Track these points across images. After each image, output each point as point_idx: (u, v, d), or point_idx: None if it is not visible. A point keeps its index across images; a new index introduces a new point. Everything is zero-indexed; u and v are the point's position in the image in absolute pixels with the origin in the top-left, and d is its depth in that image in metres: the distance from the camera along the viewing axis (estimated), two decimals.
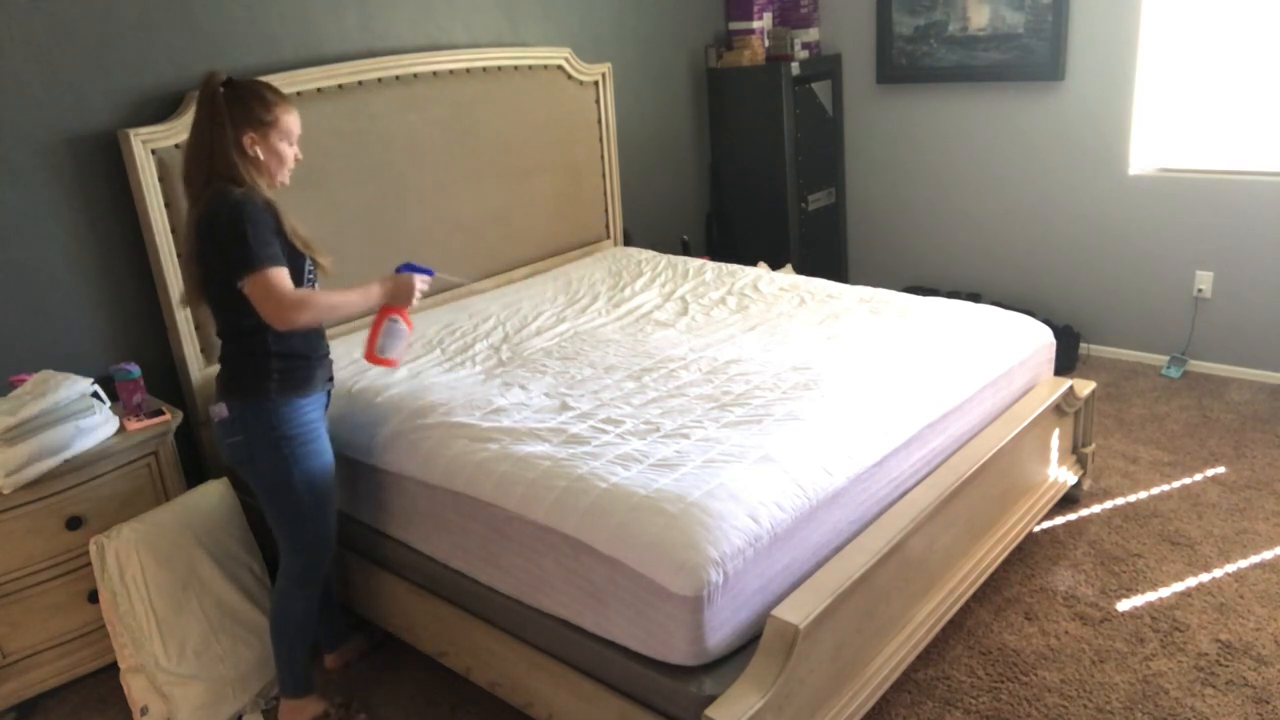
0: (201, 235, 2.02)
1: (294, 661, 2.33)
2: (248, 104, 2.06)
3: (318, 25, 3.14)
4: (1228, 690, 2.30)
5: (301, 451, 2.15)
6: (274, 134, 2.10)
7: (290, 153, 2.16)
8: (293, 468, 2.15)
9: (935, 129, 4.60)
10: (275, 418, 2.11)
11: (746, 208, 4.76)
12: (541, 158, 3.81)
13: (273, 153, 2.11)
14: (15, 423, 2.30)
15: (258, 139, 2.07)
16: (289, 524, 2.22)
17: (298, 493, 2.17)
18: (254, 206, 2.01)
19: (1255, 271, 3.86)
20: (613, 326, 3.12)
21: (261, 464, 2.14)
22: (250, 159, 2.07)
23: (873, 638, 2.16)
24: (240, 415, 2.11)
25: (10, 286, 2.63)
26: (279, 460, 2.13)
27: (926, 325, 2.89)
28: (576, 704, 2.07)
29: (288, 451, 2.13)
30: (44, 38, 2.58)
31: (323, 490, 2.22)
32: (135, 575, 2.35)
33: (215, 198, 2.00)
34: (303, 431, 2.16)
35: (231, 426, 2.13)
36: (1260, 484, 3.19)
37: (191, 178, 2.06)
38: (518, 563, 2.13)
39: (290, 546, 2.25)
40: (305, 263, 2.16)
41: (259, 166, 2.09)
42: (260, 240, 1.99)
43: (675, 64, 4.54)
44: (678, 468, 2.08)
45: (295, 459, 2.14)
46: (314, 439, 2.19)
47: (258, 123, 2.07)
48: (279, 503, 2.19)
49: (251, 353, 2.11)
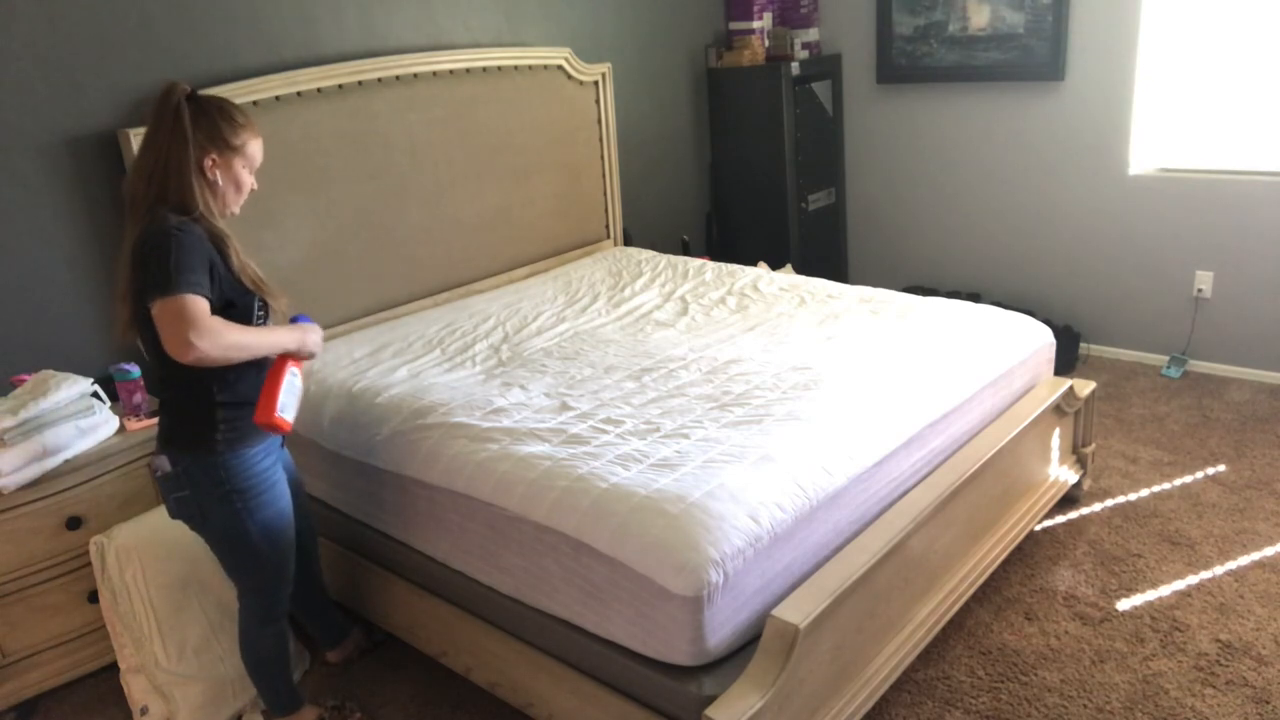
0: (134, 265, 1.82)
1: (276, 690, 2.27)
2: (215, 123, 1.89)
3: (318, 25, 3.14)
4: (1228, 690, 2.30)
5: (255, 504, 2.00)
6: (238, 160, 1.94)
7: (249, 182, 1.99)
8: (247, 521, 1.99)
9: (935, 129, 4.60)
10: (223, 471, 1.94)
11: (746, 208, 4.76)
12: (541, 158, 3.81)
13: (232, 180, 1.95)
14: (15, 423, 2.31)
15: (219, 163, 1.91)
16: (247, 573, 2.10)
17: (254, 544, 2.03)
18: (189, 235, 1.82)
19: (1255, 271, 3.86)
20: (613, 326, 3.12)
21: (213, 520, 1.99)
22: (208, 183, 1.90)
23: (873, 638, 2.16)
24: (185, 470, 1.94)
25: (10, 286, 2.63)
26: (230, 515, 1.98)
27: (926, 325, 2.89)
28: (576, 704, 2.07)
29: (240, 505, 1.97)
30: (44, 38, 2.58)
31: (280, 537, 2.08)
32: (135, 575, 2.35)
33: (151, 225, 1.82)
34: (255, 483, 1.99)
35: (176, 481, 1.95)
36: (1260, 484, 3.19)
37: (138, 198, 1.86)
38: (518, 563, 2.13)
39: (248, 590, 2.14)
40: (254, 301, 1.96)
41: (214, 192, 1.92)
42: (183, 265, 1.78)
43: (675, 64, 4.54)
44: (678, 468, 2.08)
45: (249, 512, 1.99)
46: (267, 488, 2.03)
47: (223, 145, 1.90)
48: (235, 555, 2.06)
49: (196, 402, 1.92)
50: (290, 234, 3.02)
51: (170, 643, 2.37)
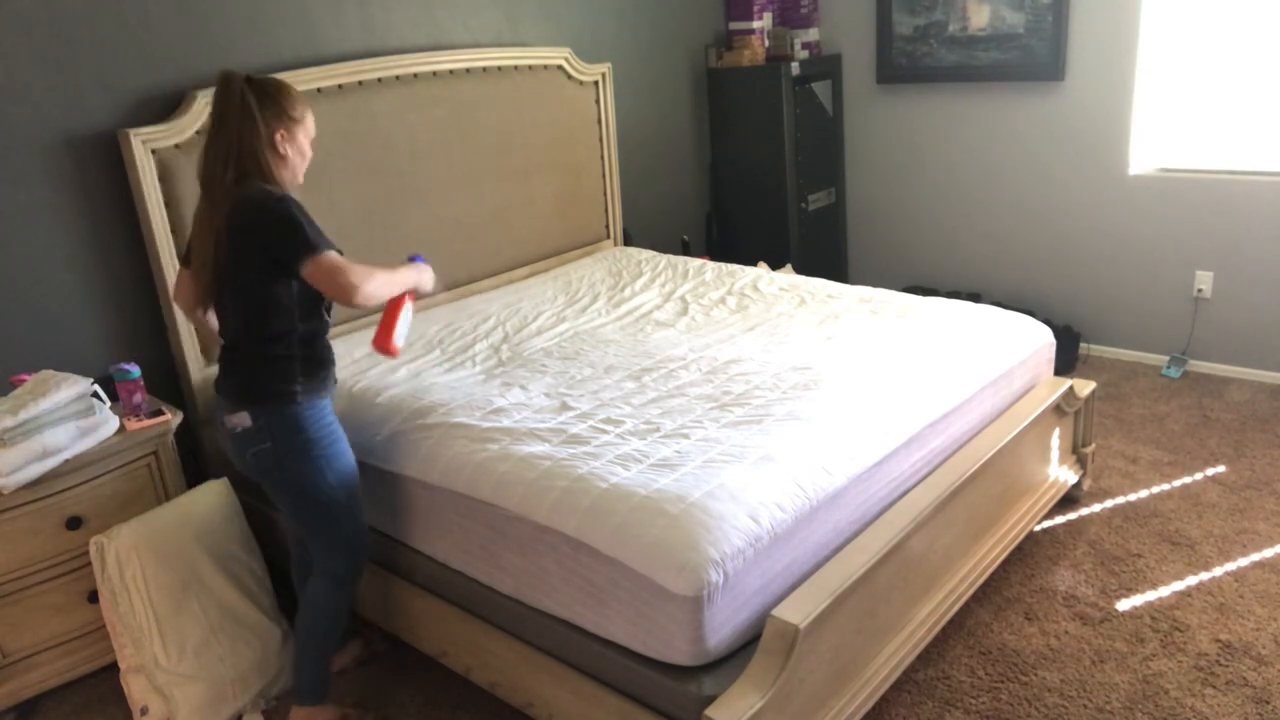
0: (242, 230, 1.96)
1: (321, 664, 2.29)
2: (277, 101, 2.03)
3: (318, 25, 3.14)
4: (1228, 690, 2.30)
5: (331, 452, 2.12)
6: (300, 131, 2.08)
7: (309, 152, 2.14)
8: (325, 470, 2.11)
9: (935, 129, 4.60)
10: (303, 421, 2.07)
11: (746, 208, 4.76)
12: (541, 158, 3.81)
13: (299, 150, 2.09)
14: (15, 423, 2.30)
15: (287, 136, 2.05)
16: (327, 526, 2.18)
17: (334, 493, 2.14)
18: (296, 203, 1.98)
19: (1255, 271, 3.86)
20: (613, 326, 3.12)
21: (291, 471, 2.09)
22: (279, 156, 2.04)
23: (873, 638, 2.16)
24: (267, 422, 2.05)
25: (10, 286, 2.63)
26: (311, 464, 2.09)
27: (926, 325, 2.89)
28: (576, 704, 2.07)
29: (318, 453, 2.10)
30: (44, 38, 2.58)
31: (354, 487, 2.20)
32: (135, 575, 2.35)
33: (253, 194, 1.96)
34: (329, 433, 2.13)
35: (256, 435, 2.06)
36: (1260, 484, 3.19)
37: (217, 177, 1.99)
38: (518, 563, 2.13)
39: (328, 547, 2.21)
40: None
41: (286, 164, 2.07)
42: (314, 227, 1.96)
43: (675, 64, 4.54)
44: (678, 468, 2.08)
45: (326, 460, 2.11)
46: (339, 438, 2.16)
47: (288, 119, 2.04)
48: (314, 507, 2.14)
49: (278, 356, 2.05)
50: None
51: (170, 643, 2.37)
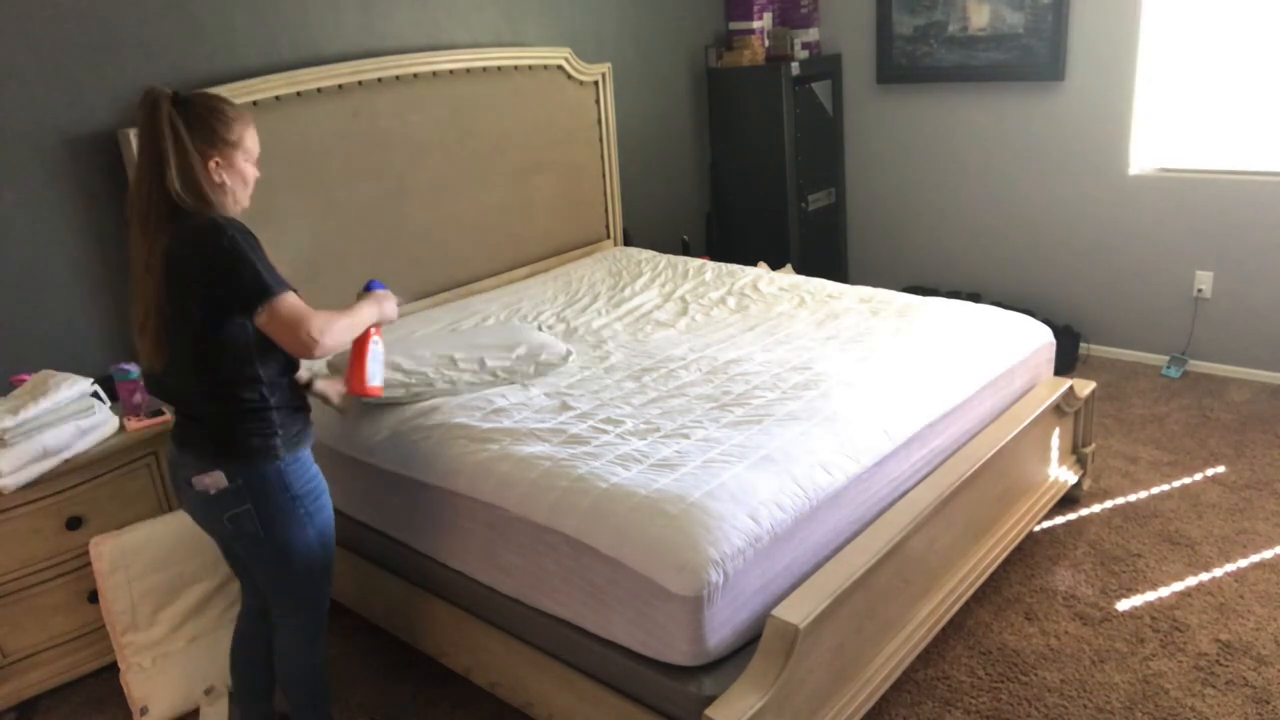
0: (182, 271, 1.72)
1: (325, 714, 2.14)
2: (208, 124, 1.79)
3: (318, 25, 3.14)
4: (1228, 690, 2.30)
5: (315, 507, 1.92)
6: (238, 155, 1.84)
7: (253, 173, 1.89)
8: (308, 527, 1.91)
9: (935, 129, 4.60)
10: (288, 478, 1.86)
11: (746, 208, 4.76)
12: (541, 158, 3.81)
13: (238, 176, 1.85)
14: (15, 423, 2.30)
15: (223, 163, 1.81)
16: (299, 585, 1.97)
17: (313, 552, 1.93)
18: (246, 232, 1.76)
19: (1255, 271, 3.86)
20: (613, 327, 3.12)
21: (275, 531, 1.87)
22: (216, 184, 1.81)
23: (873, 638, 2.16)
24: (245, 482, 1.82)
25: (10, 286, 2.63)
26: (296, 523, 1.88)
27: (926, 325, 2.89)
28: (576, 704, 2.07)
29: (303, 511, 1.89)
30: (44, 38, 2.58)
31: (331, 542, 2.00)
32: (135, 576, 2.35)
33: (198, 226, 1.73)
34: (314, 486, 1.93)
35: (234, 497, 1.82)
36: (1260, 484, 3.19)
37: (152, 209, 1.74)
38: (518, 563, 2.13)
39: (298, 606, 2.01)
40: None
41: (224, 192, 1.83)
42: (267, 265, 1.76)
43: (675, 64, 4.54)
44: (678, 468, 2.08)
45: (310, 516, 1.91)
46: (323, 490, 1.96)
47: (222, 144, 1.80)
48: (291, 566, 1.93)
49: (251, 409, 1.82)
50: (290, 234, 3.02)
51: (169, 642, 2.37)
